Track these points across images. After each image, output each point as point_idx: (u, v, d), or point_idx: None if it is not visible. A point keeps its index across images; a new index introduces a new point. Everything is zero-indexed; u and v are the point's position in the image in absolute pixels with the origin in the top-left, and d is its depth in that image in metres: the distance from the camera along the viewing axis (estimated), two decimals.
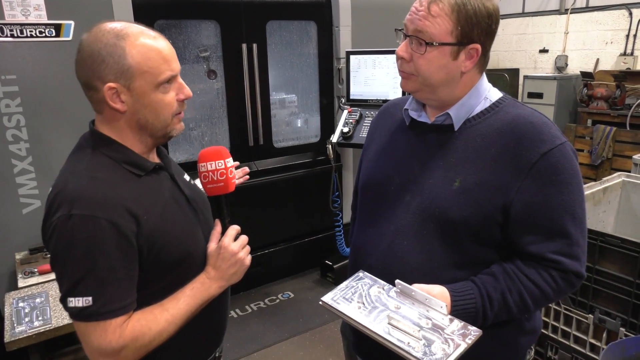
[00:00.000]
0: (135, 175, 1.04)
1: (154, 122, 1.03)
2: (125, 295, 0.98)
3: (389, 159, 1.18)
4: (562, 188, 1.00)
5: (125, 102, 0.99)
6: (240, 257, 1.11)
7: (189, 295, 1.06)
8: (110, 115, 1.02)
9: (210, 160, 1.11)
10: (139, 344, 0.98)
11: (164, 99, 1.02)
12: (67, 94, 2.45)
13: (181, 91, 1.05)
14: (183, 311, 1.04)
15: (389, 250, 1.11)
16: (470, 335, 0.92)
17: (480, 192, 1.02)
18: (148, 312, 1.01)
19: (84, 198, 0.94)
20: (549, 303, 1.24)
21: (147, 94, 0.99)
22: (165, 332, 1.02)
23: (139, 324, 0.99)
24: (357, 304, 1.01)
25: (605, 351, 1.63)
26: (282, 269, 3.60)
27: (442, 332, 0.94)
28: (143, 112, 1.01)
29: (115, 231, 0.94)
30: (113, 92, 0.98)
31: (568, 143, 1.02)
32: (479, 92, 1.09)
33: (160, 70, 0.99)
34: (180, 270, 1.07)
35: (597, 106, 4.41)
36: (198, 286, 1.08)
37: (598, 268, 2.00)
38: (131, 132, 1.04)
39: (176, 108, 1.05)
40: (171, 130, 1.06)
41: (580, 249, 1.03)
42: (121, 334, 0.96)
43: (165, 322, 1.02)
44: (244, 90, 3.13)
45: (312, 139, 3.66)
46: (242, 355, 2.72)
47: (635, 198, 2.54)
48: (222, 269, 1.10)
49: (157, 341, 1.01)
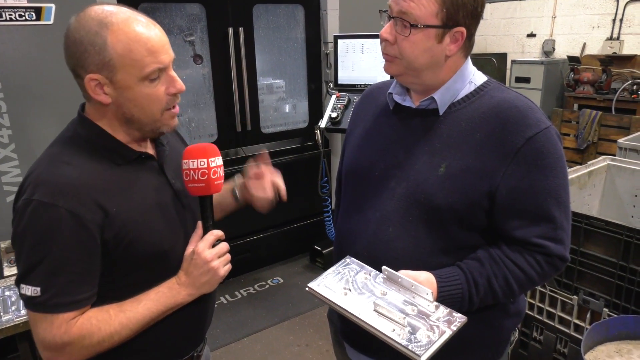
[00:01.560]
0: (115, 164, 0.98)
1: (141, 117, 0.96)
2: (77, 290, 0.92)
3: (373, 145, 1.16)
4: (547, 172, 1.00)
5: (109, 94, 0.93)
6: (213, 266, 1.02)
7: (152, 300, 0.98)
8: (96, 104, 0.97)
9: (193, 158, 1.02)
10: (86, 343, 0.93)
11: (151, 93, 0.94)
12: (50, 80, 2.40)
13: (172, 85, 0.97)
14: (141, 315, 0.97)
15: (374, 237, 1.10)
16: (455, 322, 0.93)
17: (465, 177, 1.01)
18: (103, 311, 0.95)
19: (48, 184, 0.90)
20: (533, 287, 1.25)
21: (131, 88, 0.93)
22: (117, 335, 0.95)
23: (89, 322, 0.93)
24: (344, 290, 1.01)
25: (589, 331, 1.66)
26: (272, 255, 3.60)
27: (428, 319, 0.94)
28: (128, 106, 0.95)
29: (75, 222, 0.89)
30: (95, 84, 0.92)
31: (553, 127, 1.02)
32: (464, 75, 1.07)
33: (145, 63, 0.92)
34: (151, 268, 1.01)
35: (584, 90, 4.44)
36: (165, 291, 1.00)
37: (583, 250, 2.03)
38: (118, 123, 0.98)
39: (166, 103, 0.97)
40: (161, 125, 1.00)
41: (564, 232, 1.04)
42: (67, 330, 0.91)
43: (119, 324, 0.95)
44: (230, 75, 3.10)
45: (300, 125, 3.64)
46: (232, 340, 2.74)
47: (619, 181, 2.57)
48: (194, 275, 1.01)
49: (108, 343, 0.95)
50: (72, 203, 0.89)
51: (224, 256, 1.05)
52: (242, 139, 3.27)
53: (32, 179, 0.92)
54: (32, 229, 0.89)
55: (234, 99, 3.15)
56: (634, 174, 2.51)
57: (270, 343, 2.74)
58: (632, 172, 2.52)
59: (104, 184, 0.95)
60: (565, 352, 2.09)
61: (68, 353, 0.93)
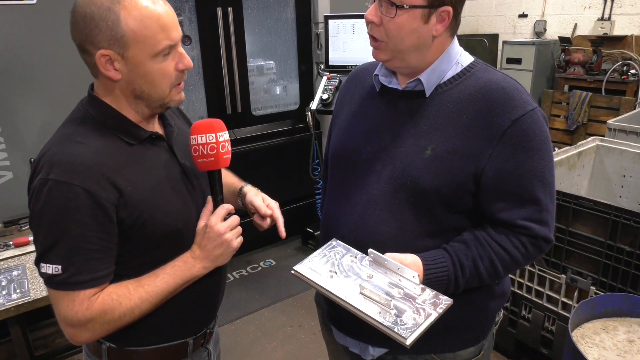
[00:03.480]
0: (127, 144, 0.99)
1: (150, 93, 0.98)
2: (97, 267, 0.94)
3: (359, 127, 1.15)
4: (533, 154, 1.00)
5: (120, 70, 0.94)
6: (227, 238, 1.05)
7: (168, 274, 1.01)
8: (105, 81, 0.97)
9: (201, 133, 1.04)
10: (108, 319, 0.95)
11: (162, 69, 0.96)
12: (37, 61, 2.35)
13: (181, 61, 0.98)
14: (159, 289, 1.00)
15: (360, 220, 1.10)
16: (441, 305, 0.93)
17: (452, 160, 1.01)
18: (122, 287, 0.98)
19: (63, 163, 0.91)
20: (518, 268, 1.26)
21: (143, 64, 0.94)
22: (137, 310, 0.98)
23: (109, 297, 0.95)
24: (330, 273, 1.01)
25: (576, 309, 1.69)
26: (264, 237, 3.56)
27: (414, 301, 0.94)
28: (138, 82, 0.96)
29: (92, 200, 0.91)
30: (106, 60, 0.93)
31: (539, 109, 1.02)
32: (450, 56, 1.06)
33: (158, 39, 0.93)
34: (166, 246, 1.03)
35: (574, 72, 4.44)
36: (180, 265, 1.03)
37: (571, 230, 2.06)
38: (126, 101, 0.99)
39: (175, 79, 0.99)
40: (169, 101, 1.01)
41: (549, 214, 1.04)
42: (89, 306, 0.93)
43: (138, 298, 0.98)
44: (220, 56, 3.06)
45: (291, 107, 3.62)
46: (225, 322, 2.76)
47: (608, 162, 2.60)
48: (208, 249, 1.04)
49: (129, 318, 0.98)
50: (88, 181, 0.91)
51: (236, 229, 1.07)
52: (233, 121, 3.25)
53: (46, 159, 0.93)
54: (50, 208, 0.90)
55: (224, 81, 3.11)
56: (622, 154, 2.53)
57: (263, 324, 2.77)
58: (620, 153, 2.54)
59: (117, 163, 0.96)
60: (553, 329, 2.14)
61: (90, 329, 0.95)
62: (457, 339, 1.14)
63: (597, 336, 1.66)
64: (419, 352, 1.12)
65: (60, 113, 1.09)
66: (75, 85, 2.34)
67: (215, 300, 1.20)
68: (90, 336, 0.97)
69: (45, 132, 2.40)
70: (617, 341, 1.63)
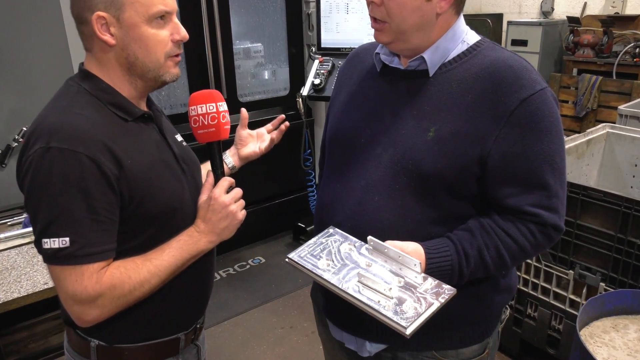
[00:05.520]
0: (122, 119, 1.03)
1: (145, 60, 1.02)
2: (105, 239, 0.96)
3: (358, 109, 1.16)
4: (542, 137, 1.01)
5: (115, 34, 0.99)
6: (232, 209, 1.09)
7: (175, 248, 1.05)
8: (100, 50, 1.02)
9: (201, 103, 1.09)
10: (117, 293, 0.98)
11: (157, 34, 1.01)
12: (3, 46, 2.33)
13: (177, 32, 1.04)
14: (167, 263, 1.03)
15: (358, 207, 1.10)
16: (443, 294, 0.93)
17: (456, 142, 1.02)
18: (129, 261, 1.01)
19: (63, 130, 0.93)
20: (527, 258, 1.27)
21: (138, 26, 0.99)
22: (147, 284, 1.01)
23: (118, 271, 0.98)
24: (326, 261, 1.01)
25: (585, 306, 1.71)
26: (252, 233, 3.62)
27: (415, 290, 0.95)
28: (133, 47, 1.01)
29: (97, 169, 0.93)
30: (102, 23, 0.98)
31: (549, 89, 1.02)
32: (456, 34, 1.07)
33: (152, 2, 0.99)
34: (159, 228, 1.06)
35: (583, 54, 4.47)
36: (185, 239, 1.06)
37: (580, 223, 2.09)
38: (120, 71, 1.04)
39: (170, 48, 1.04)
40: (164, 73, 1.05)
41: (559, 201, 1.05)
42: (98, 280, 0.95)
43: (147, 272, 1.01)
44: (203, 38, 3.05)
45: (280, 92, 3.61)
46: (212, 324, 2.77)
47: (619, 150, 2.62)
48: (213, 221, 1.08)
49: (138, 292, 1.01)
50: (92, 150, 0.93)
51: (240, 201, 1.12)
52: None
53: (43, 129, 0.94)
54: (54, 176, 0.91)
55: (208, 65, 3.11)
56: (634, 142, 2.56)
57: (253, 326, 2.79)
58: (632, 140, 2.57)
59: (116, 136, 0.99)
60: (560, 328, 2.17)
61: (100, 305, 0.97)
62: (459, 335, 1.15)
63: (606, 335, 1.68)
64: (419, 349, 1.14)
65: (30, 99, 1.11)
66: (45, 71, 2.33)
67: (206, 290, 1.24)
68: (99, 314, 0.98)
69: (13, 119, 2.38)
70: (627, 340, 1.65)
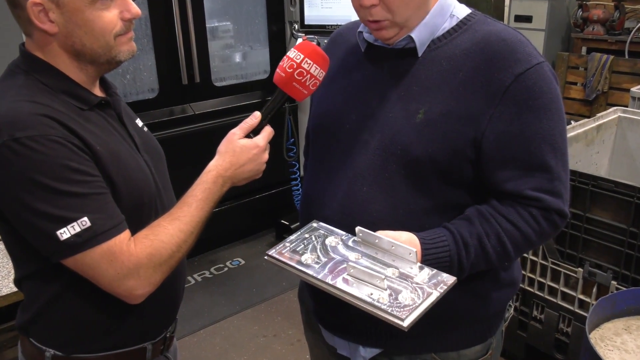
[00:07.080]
0: (78, 109, 1.02)
1: (93, 46, 1.00)
2: (114, 211, 0.98)
3: (342, 93, 1.17)
4: (541, 115, 1.01)
5: (55, 21, 0.96)
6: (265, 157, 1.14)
7: (201, 199, 1.05)
8: (41, 38, 0.99)
9: (315, 62, 1.07)
10: (156, 261, 0.99)
11: (103, 17, 0.98)
12: None
13: (127, 9, 1.01)
14: (197, 217, 1.05)
15: (346, 199, 1.11)
16: (442, 284, 0.93)
17: (447, 123, 1.02)
18: (155, 227, 1.02)
19: (23, 120, 0.91)
20: (531, 248, 1.28)
21: (81, 11, 0.96)
22: (184, 245, 1.03)
23: (147, 240, 1.00)
24: (311, 256, 1.02)
25: (595, 307, 1.71)
26: (230, 232, 3.61)
27: (411, 281, 0.95)
28: (77, 33, 0.98)
29: (76, 147, 0.93)
30: (39, 10, 0.94)
31: (546, 63, 1.03)
32: (444, 8, 1.08)
33: None
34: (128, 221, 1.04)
35: (593, 31, 4.47)
36: (210, 186, 1.07)
37: (589, 216, 2.08)
38: (68, 59, 1.02)
39: (120, 28, 1.01)
40: (117, 53, 1.03)
41: (562, 184, 1.06)
42: (129, 250, 0.97)
43: (180, 231, 1.02)
44: (173, 15, 3.03)
45: (259, 76, 3.62)
46: (187, 333, 2.76)
47: (632, 136, 2.63)
48: (240, 163, 1.10)
49: (179, 254, 1.03)
50: (62, 131, 0.93)
51: None
52: (190, 94, 3.24)
53: None
54: (37, 167, 0.90)
55: (178, 45, 3.09)
56: None
57: (232, 335, 2.78)
58: None
59: (77, 124, 0.98)
60: (568, 331, 2.18)
61: (144, 276, 0.99)
62: (460, 335, 1.16)
63: (618, 337, 1.68)
64: (417, 351, 1.15)
65: None
66: None
67: (176, 295, 1.24)
68: (147, 284, 1.00)
69: None
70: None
